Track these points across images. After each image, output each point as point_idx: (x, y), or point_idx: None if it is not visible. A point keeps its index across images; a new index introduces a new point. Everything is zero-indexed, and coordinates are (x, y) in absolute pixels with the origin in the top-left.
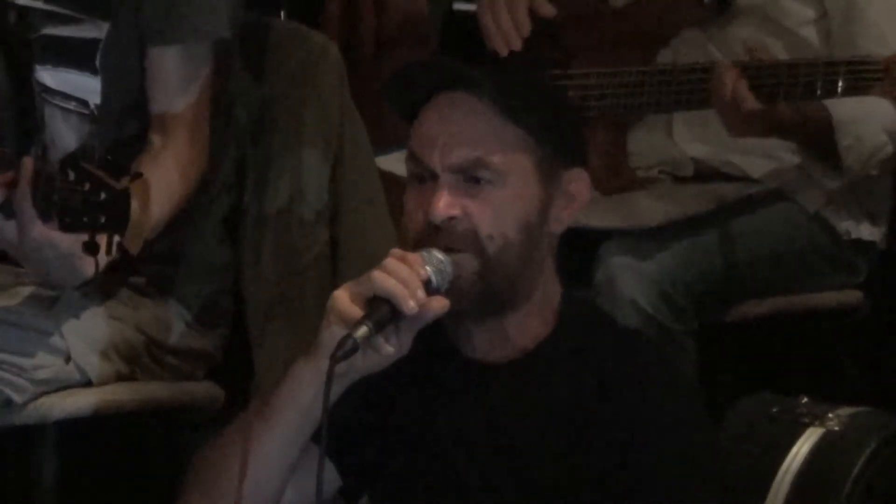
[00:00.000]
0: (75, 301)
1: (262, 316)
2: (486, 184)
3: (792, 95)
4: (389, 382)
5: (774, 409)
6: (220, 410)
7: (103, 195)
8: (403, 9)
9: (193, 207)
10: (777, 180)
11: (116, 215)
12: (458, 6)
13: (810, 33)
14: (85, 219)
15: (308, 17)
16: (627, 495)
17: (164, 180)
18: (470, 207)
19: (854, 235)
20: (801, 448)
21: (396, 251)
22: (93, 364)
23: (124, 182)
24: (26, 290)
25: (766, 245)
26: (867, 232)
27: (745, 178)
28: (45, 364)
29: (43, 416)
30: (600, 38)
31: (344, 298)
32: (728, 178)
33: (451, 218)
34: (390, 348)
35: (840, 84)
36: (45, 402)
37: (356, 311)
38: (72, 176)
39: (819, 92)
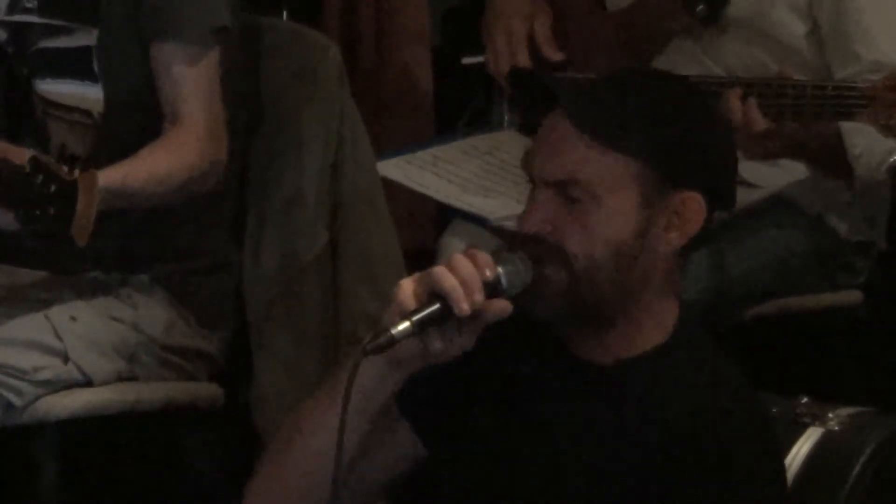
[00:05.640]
0: (71, 301)
1: (262, 316)
2: (579, 202)
3: (799, 115)
4: (486, 363)
5: (774, 409)
6: (220, 410)
7: (53, 187)
8: (403, 9)
9: (199, 206)
10: (776, 184)
11: (64, 208)
12: (466, 60)
13: (802, 46)
14: (37, 212)
15: (308, 17)
16: None
17: (171, 150)
18: (561, 223)
19: (854, 237)
20: (801, 448)
21: (470, 249)
22: (93, 364)
23: (74, 174)
24: (23, 292)
25: (767, 253)
26: (867, 233)
27: (743, 183)
28: (44, 365)
29: (43, 417)
30: (596, 43)
31: (407, 289)
32: None
33: (540, 231)
34: (438, 345)
35: (825, 108)
36: (45, 402)
37: (410, 304)
38: (28, 168)
39: (806, 115)
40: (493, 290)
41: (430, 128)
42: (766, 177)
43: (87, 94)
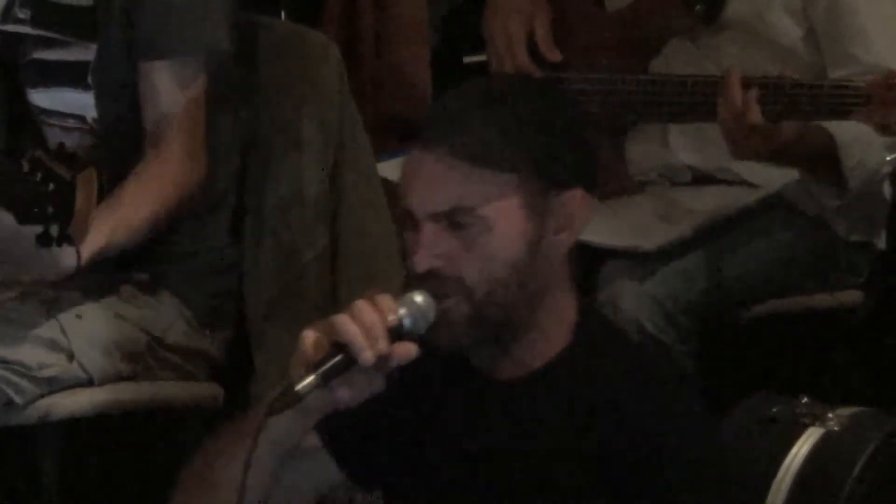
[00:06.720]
0: (77, 299)
1: (262, 316)
2: (469, 227)
3: (795, 112)
4: (401, 398)
5: (774, 409)
6: (220, 410)
7: (51, 186)
8: (403, 8)
9: (201, 207)
10: (776, 184)
11: (62, 206)
12: (467, 59)
13: (799, 48)
14: (35, 210)
15: (308, 17)
16: None
17: (150, 189)
18: (453, 253)
19: (854, 237)
20: (801, 448)
21: (371, 292)
22: (96, 363)
23: (72, 173)
24: (28, 290)
25: (767, 253)
26: (867, 233)
27: (743, 183)
28: (49, 363)
29: (43, 416)
30: (595, 43)
31: (309, 339)
32: (726, 184)
33: (434, 267)
34: (345, 394)
35: (822, 106)
36: (46, 401)
37: (314, 355)
38: (26, 167)
39: (802, 113)
40: (397, 333)
41: None
42: (766, 177)
43: (81, 100)
